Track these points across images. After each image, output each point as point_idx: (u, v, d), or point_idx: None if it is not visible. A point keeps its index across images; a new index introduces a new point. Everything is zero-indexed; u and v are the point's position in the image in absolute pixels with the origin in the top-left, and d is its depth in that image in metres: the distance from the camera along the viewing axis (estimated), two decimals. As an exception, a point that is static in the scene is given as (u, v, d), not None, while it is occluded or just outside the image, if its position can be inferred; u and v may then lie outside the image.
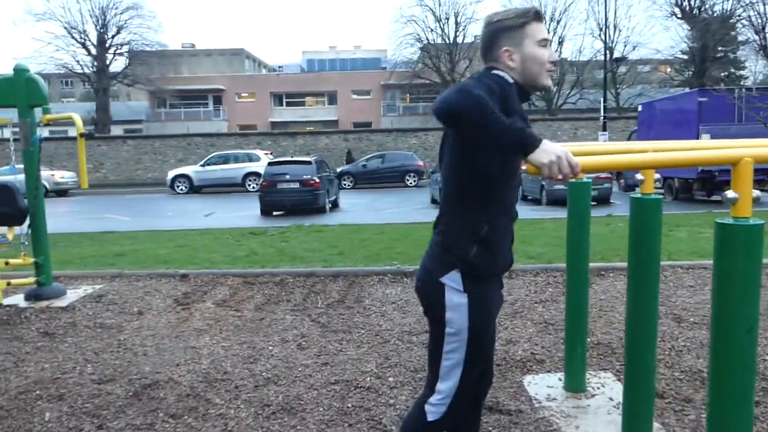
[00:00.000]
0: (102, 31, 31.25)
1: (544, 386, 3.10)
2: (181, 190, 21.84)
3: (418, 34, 34.77)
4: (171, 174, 22.31)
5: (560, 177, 1.53)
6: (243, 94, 41.31)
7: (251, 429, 2.65)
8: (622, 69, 33.97)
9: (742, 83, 29.10)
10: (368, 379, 3.15)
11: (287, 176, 14.26)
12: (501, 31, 1.89)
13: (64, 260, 6.58)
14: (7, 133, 4.72)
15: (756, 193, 1.55)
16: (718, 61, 30.97)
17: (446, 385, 1.90)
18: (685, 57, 31.24)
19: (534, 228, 9.25)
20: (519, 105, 1.88)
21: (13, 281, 4.67)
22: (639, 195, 2.30)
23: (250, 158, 21.95)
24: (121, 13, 31.69)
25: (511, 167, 1.87)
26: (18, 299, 4.78)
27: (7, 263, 4.53)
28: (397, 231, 8.87)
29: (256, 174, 20.89)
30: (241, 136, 28.23)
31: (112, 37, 31.77)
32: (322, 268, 5.65)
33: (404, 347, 3.61)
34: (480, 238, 1.80)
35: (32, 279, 4.75)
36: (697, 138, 13.75)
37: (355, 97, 40.93)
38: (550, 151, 1.53)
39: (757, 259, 1.56)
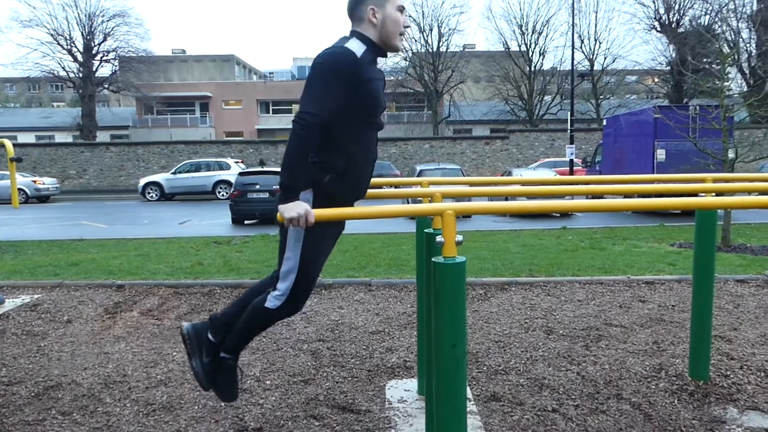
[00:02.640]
0: (88, 38, 31.66)
1: (402, 390, 3.51)
2: (152, 197, 22.27)
3: (403, 44, 35.33)
4: (142, 181, 22.74)
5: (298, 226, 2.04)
6: (230, 101, 41.76)
7: (129, 424, 3.06)
8: (604, 80, 34.59)
9: (726, 94, 29.72)
10: (248, 382, 3.57)
11: (257, 186, 14.67)
12: None
13: (15, 270, 6.97)
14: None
15: (459, 237, 1.98)
16: (699, 73, 31.64)
17: (284, 285, 2.40)
18: (665, 69, 31.87)
19: (485, 240, 9.67)
20: (373, 70, 2.37)
21: (-47, 291, 5.07)
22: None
23: (221, 166, 22.52)
24: (108, 21, 32.15)
25: (365, 118, 2.33)
26: (-41, 307, 5.17)
27: (-54, 274, 4.93)
28: (354, 242, 9.26)
29: (227, 182, 21.56)
30: (223, 144, 28.64)
31: (99, 44, 32.19)
32: (249, 279, 6.07)
33: (293, 354, 4.03)
34: (336, 170, 2.25)
35: (-28, 289, 5.15)
36: (654, 153, 14.28)
37: (341, 105, 41.43)
38: (294, 209, 2.06)
39: (461, 288, 1.98)
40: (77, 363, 3.91)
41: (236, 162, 22.95)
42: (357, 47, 2.29)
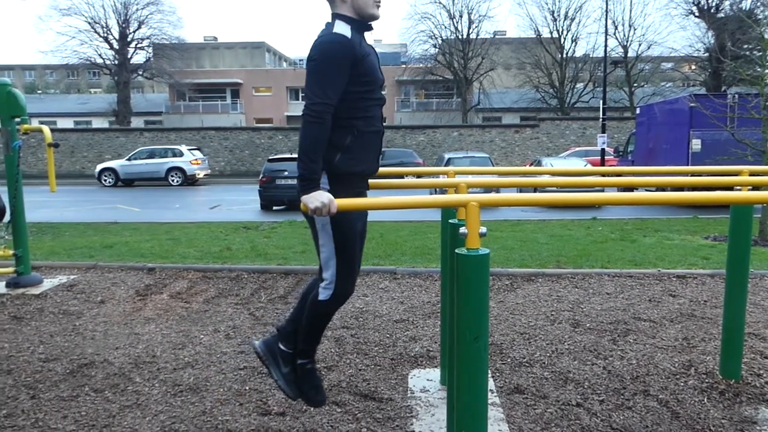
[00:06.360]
0: (124, 26, 32.29)
1: (425, 379, 3.51)
2: (108, 182, 22.88)
3: (432, 31, 35.02)
4: (98, 167, 23.41)
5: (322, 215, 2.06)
6: (260, 88, 42.10)
7: (156, 403, 3.15)
8: (638, 67, 33.68)
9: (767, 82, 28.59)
10: (272, 367, 3.62)
11: (286, 173, 14.77)
12: None
13: (53, 251, 7.20)
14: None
15: (483, 229, 1.95)
16: (739, 60, 30.53)
17: (328, 273, 2.44)
18: (702, 56, 30.83)
19: (512, 229, 9.58)
20: (365, 46, 2.38)
21: (-7, 270, 5.28)
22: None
23: (174, 153, 23.07)
24: (142, 9, 32.70)
25: (366, 93, 2.36)
26: (0, 286, 5.38)
27: (-13, 254, 5.13)
28: (381, 230, 9.25)
29: (179, 169, 22.44)
30: (253, 130, 28.92)
31: (134, 31, 32.81)
32: (276, 265, 6.14)
33: (317, 340, 4.07)
34: (344, 147, 2.30)
35: (12, 269, 5.34)
36: (689, 143, 13.87)
37: (370, 92, 41.42)
38: (318, 199, 2.09)
39: (485, 280, 1.97)
40: (109, 342, 4.03)
41: (190, 149, 23.43)
42: (344, 29, 2.31)
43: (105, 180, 22.92)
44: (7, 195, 5.22)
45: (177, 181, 22.50)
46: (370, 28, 2.46)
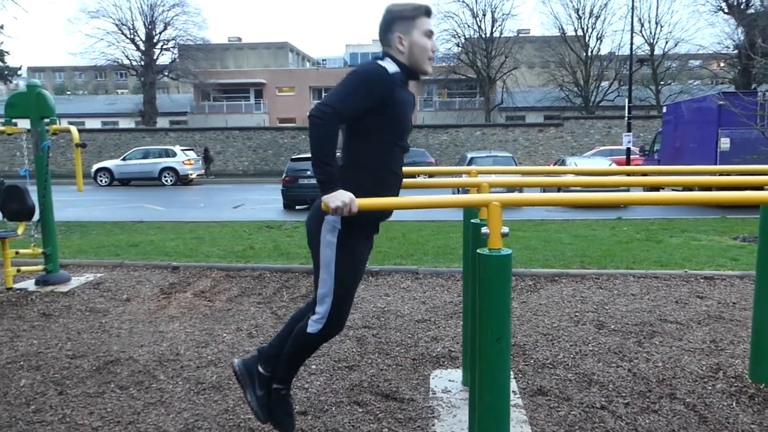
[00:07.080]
0: (150, 27, 32.90)
1: (446, 380, 3.49)
2: (103, 182, 23.21)
3: (455, 30, 34.86)
4: (94, 167, 23.77)
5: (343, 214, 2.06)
6: (283, 88, 42.46)
7: (180, 401, 3.19)
8: (665, 65, 33.06)
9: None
10: (294, 366, 3.63)
11: (308, 172, 14.83)
12: (396, 19, 2.37)
13: (80, 249, 7.36)
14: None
15: (505, 229, 1.93)
16: (768, 57, 29.70)
17: (322, 308, 2.42)
18: (732, 53, 30.11)
19: (536, 229, 9.48)
20: (405, 91, 2.37)
21: (23, 268, 5.41)
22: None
23: (168, 154, 23.41)
24: (168, 10, 33.28)
25: (392, 138, 2.34)
26: (29, 284, 5.52)
27: (17, 253, 5.26)
28: (402, 229, 9.25)
29: (172, 169, 22.75)
30: (276, 130, 29.18)
31: (160, 33, 33.41)
32: (298, 264, 6.18)
33: (338, 340, 4.08)
34: (364, 190, 2.25)
35: (41, 267, 5.47)
36: (717, 142, 13.56)
37: (392, 91, 41.44)
38: (339, 198, 2.07)
39: (507, 281, 1.94)
40: (134, 340, 4.10)
41: (183, 150, 23.68)
42: (389, 66, 2.30)
43: (100, 180, 23.34)
44: (36, 194, 5.36)
45: (169, 181, 22.86)
46: (417, 78, 2.44)
